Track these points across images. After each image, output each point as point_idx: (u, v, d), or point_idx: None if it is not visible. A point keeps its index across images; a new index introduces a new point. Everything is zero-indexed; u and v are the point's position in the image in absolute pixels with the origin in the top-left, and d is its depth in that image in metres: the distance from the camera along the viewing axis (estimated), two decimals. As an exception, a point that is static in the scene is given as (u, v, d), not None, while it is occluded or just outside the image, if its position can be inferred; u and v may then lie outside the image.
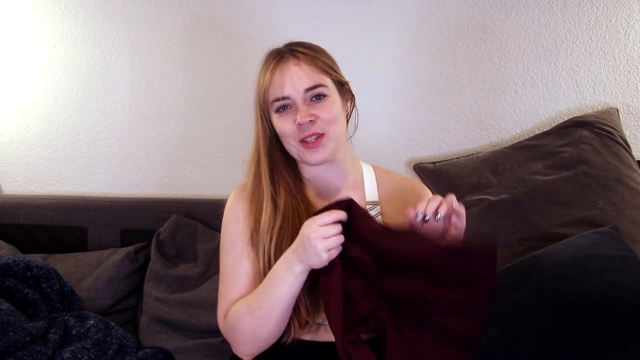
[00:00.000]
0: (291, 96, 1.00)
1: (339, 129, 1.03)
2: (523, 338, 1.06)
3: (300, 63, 1.01)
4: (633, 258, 1.11)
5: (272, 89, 1.01)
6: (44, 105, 1.94)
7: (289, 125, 1.01)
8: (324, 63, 1.03)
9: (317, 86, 1.01)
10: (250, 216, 1.07)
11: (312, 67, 1.01)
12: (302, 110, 0.99)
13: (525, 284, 1.13)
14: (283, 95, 1.00)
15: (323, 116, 1.00)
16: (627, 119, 1.63)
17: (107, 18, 1.85)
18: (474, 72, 1.71)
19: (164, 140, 1.92)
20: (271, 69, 1.02)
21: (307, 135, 1.00)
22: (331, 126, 1.01)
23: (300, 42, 1.06)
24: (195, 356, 1.47)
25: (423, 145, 1.78)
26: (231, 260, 1.08)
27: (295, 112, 1.00)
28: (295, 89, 1.00)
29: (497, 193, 1.50)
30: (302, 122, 0.98)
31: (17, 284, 1.43)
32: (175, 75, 1.86)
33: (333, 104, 1.02)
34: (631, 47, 1.60)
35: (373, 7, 1.71)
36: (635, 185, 1.41)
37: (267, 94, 1.02)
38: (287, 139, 1.03)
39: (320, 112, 1.00)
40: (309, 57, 1.02)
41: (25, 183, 2.01)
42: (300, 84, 1.00)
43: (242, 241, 1.07)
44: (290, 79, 1.00)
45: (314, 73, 1.01)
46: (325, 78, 1.02)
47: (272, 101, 1.02)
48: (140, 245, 1.77)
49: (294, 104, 1.00)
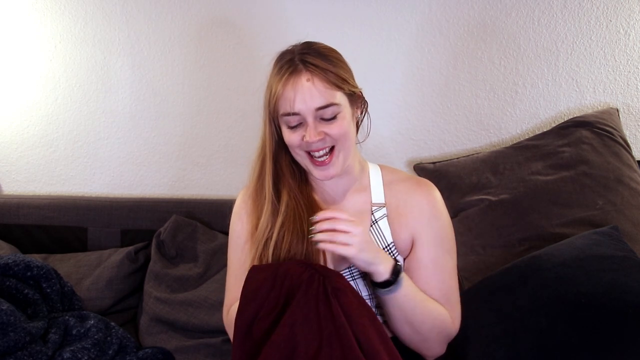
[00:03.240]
0: (302, 112, 0.98)
1: (349, 142, 1.02)
2: (523, 338, 1.06)
3: (313, 78, 0.97)
4: (633, 258, 1.11)
5: (282, 102, 0.99)
6: (44, 105, 1.94)
7: (297, 139, 1.00)
8: (336, 77, 0.99)
9: (328, 105, 0.98)
10: (253, 215, 1.09)
11: (325, 83, 0.98)
12: (311, 128, 0.98)
13: (525, 284, 1.13)
14: (294, 111, 0.98)
15: (333, 133, 0.99)
16: (627, 119, 1.63)
17: (107, 18, 1.85)
18: (474, 72, 1.71)
19: (164, 140, 1.92)
20: (283, 81, 0.98)
21: (315, 150, 1.00)
22: (341, 141, 1.00)
23: (315, 48, 1.02)
24: (195, 356, 1.47)
25: (423, 145, 1.78)
26: (237, 257, 1.12)
27: (304, 128, 0.99)
28: (306, 106, 0.97)
29: (497, 193, 1.50)
30: (311, 141, 0.98)
31: (17, 284, 1.43)
32: (176, 75, 1.86)
33: (343, 119, 1.00)
34: (631, 47, 1.60)
35: (373, 7, 1.71)
36: (635, 185, 1.41)
37: (277, 106, 1.00)
38: (295, 149, 1.02)
39: (330, 129, 0.99)
40: (322, 70, 0.98)
41: (25, 183, 2.01)
42: (312, 102, 0.97)
43: (245, 239, 1.10)
44: (302, 96, 0.97)
45: (327, 90, 0.98)
46: (337, 94, 0.99)
47: (282, 114, 1.00)
48: (141, 245, 1.77)
49: (304, 120, 0.99)
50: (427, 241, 1.05)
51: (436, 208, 1.07)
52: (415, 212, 1.06)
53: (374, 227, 1.06)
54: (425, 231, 1.06)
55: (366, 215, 1.07)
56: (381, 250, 1.00)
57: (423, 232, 1.06)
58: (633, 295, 1.00)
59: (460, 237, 1.45)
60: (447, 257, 1.07)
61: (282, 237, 1.02)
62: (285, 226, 1.02)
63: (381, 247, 1.05)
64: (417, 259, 1.06)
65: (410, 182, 1.11)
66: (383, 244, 1.06)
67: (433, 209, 1.07)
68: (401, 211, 1.07)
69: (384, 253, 0.99)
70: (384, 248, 1.06)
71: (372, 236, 1.06)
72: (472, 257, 1.46)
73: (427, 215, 1.06)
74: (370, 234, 1.06)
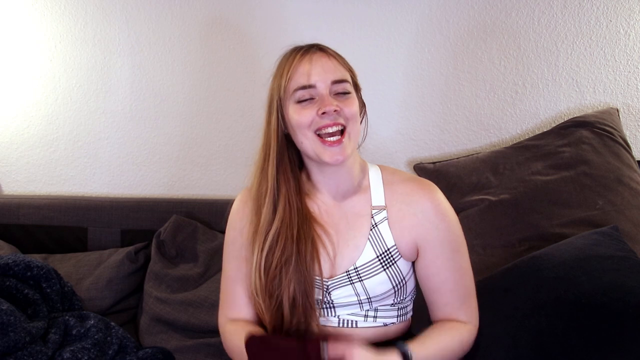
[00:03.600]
0: (317, 85, 0.98)
1: (357, 128, 1.03)
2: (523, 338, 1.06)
3: (329, 56, 1.01)
4: (633, 258, 1.10)
5: (297, 76, 0.99)
6: (44, 105, 1.94)
7: (309, 114, 0.97)
8: (346, 63, 1.04)
9: (343, 80, 1.00)
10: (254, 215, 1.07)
11: (340, 62, 1.02)
12: (328, 99, 0.97)
13: (525, 284, 1.13)
14: (310, 83, 0.98)
15: (346, 110, 0.99)
16: (627, 119, 1.63)
17: (107, 18, 1.85)
18: (474, 72, 1.71)
19: (164, 140, 1.92)
20: (298, 57, 1.00)
21: (329, 124, 0.97)
22: (351, 122, 1.00)
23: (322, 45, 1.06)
24: (195, 356, 1.47)
25: (423, 145, 1.78)
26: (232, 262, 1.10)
27: (317, 104, 0.98)
28: (323, 79, 0.98)
29: (497, 193, 1.50)
30: (328, 110, 0.96)
31: (17, 284, 1.43)
32: (176, 76, 1.86)
33: (354, 101, 1.02)
34: (631, 47, 1.60)
35: (373, 7, 1.71)
36: (636, 185, 1.41)
37: (289, 83, 0.99)
38: (303, 130, 0.99)
39: (344, 105, 0.99)
40: (334, 53, 1.03)
41: (26, 183, 2.01)
42: (328, 75, 0.98)
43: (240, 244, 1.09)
44: (320, 67, 0.98)
45: (342, 67, 1.01)
46: (348, 76, 1.03)
47: (295, 89, 0.98)
48: (141, 245, 1.77)
49: (318, 94, 0.98)
50: (436, 245, 1.04)
51: (440, 210, 1.05)
52: (419, 216, 1.04)
53: (373, 230, 1.04)
54: (432, 235, 1.03)
55: (366, 219, 1.06)
56: (383, 353, 0.95)
57: (430, 236, 1.03)
58: (633, 295, 1.00)
59: (460, 237, 1.45)
60: (458, 256, 1.06)
61: (276, 242, 1.02)
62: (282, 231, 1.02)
63: (381, 251, 1.04)
64: (427, 265, 1.05)
65: (411, 183, 1.08)
66: (383, 248, 1.04)
67: (437, 211, 1.04)
68: (403, 214, 1.05)
69: (387, 355, 0.95)
70: (384, 252, 1.03)
71: (371, 239, 1.04)
72: (472, 257, 1.44)
73: (432, 219, 1.04)
74: (370, 237, 1.05)
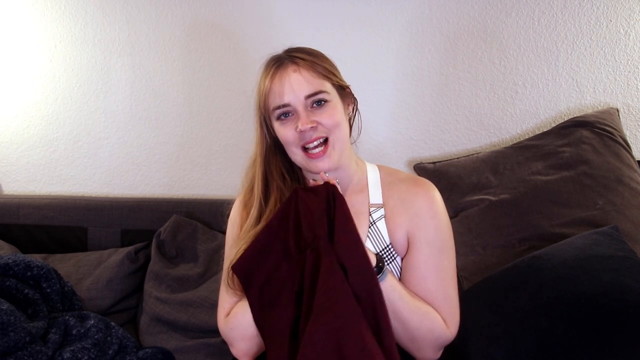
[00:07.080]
0: (292, 103, 0.99)
1: (342, 133, 1.03)
2: (523, 338, 1.06)
3: (300, 69, 1.00)
4: (633, 258, 1.10)
5: (272, 96, 1.01)
6: (44, 105, 1.94)
7: (290, 132, 1.00)
8: (323, 68, 1.02)
9: (317, 92, 1.00)
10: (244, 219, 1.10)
11: (312, 72, 1.00)
12: (303, 117, 0.99)
13: (525, 284, 1.13)
14: (283, 102, 0.99)
15: (325, 122, 1.00)
16: (627, 119, 1.63)
17: (107, 18, 1.85)
18: (474, 72, 1.71)
19: (164, 140, 1.92)
20: (270, 75, 1.01)
21: (309, 141, 1.00)
22: (334, 131, 1.01)
23: (300, 48, 1.06)
24: (195, 356, 1.47)
25: (423, 145, 1.78)
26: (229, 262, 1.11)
27: (296, 119, 1.00)
28: (295, 96, 0.99)
29: (497, 193, 1.50)
30: (304, 129, 0.98)
31: (17, 284, 1.43)
32: (175, 76, 1.86)
33: (334, 109, 1.01)
34: (631, 47, 1.60)
35: (373, 6, 1.71)
36: (636, 185, 1.41)
37: (267, 102, 1.02)
38: (291, 147, 1.02)
39: (321, 118, 1.00)
40: (308, 62, 1.01)
41: (26, 183, 2.01)
42: (300, 91, 0.99)
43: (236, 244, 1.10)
44: (289, 86, 0.99)
45: (314, 79, 1.00)
46: (325, 83, 1.02)
47: (273, 109, 1.01)
48: (141, 245, 1.77)
49: (295, 111, 1.00)
50: (421, 240, 1.03)
51: (433, 208, 1.05)
52: (411, 212, 1.04)
53: (372, 228, 1.05)
54: (422, 230, 1.03)
55: (364, 216, 1.06)
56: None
57: (419, 232, 1.03)
58: (633, 295, 1.00)
59: (460, 237, 1.45)
60: (443, 257, 1.03)
61: None
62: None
63: (381, 247, 1.05)
64: (409, 259, 1.03)
65: (409, 181, 1.09)
66: (382, 245, 1.04)
67: (430, 209, 1.04)
68: (398, 211, 1.05)
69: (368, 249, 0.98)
70: (383, 249, 1.04)
71: (370, 237, 1.05)
72: (472, 257, 1.46)
73: (424, 215, 1.04)
74: (369, 235, 1.05)
